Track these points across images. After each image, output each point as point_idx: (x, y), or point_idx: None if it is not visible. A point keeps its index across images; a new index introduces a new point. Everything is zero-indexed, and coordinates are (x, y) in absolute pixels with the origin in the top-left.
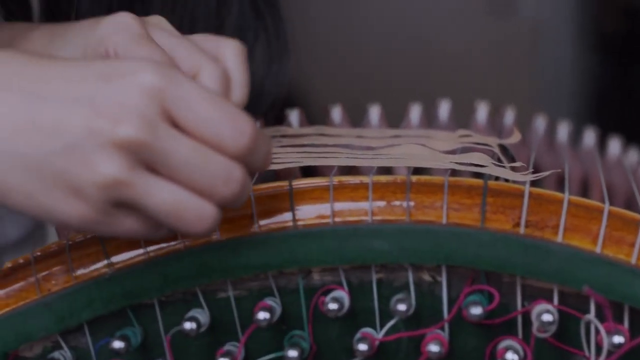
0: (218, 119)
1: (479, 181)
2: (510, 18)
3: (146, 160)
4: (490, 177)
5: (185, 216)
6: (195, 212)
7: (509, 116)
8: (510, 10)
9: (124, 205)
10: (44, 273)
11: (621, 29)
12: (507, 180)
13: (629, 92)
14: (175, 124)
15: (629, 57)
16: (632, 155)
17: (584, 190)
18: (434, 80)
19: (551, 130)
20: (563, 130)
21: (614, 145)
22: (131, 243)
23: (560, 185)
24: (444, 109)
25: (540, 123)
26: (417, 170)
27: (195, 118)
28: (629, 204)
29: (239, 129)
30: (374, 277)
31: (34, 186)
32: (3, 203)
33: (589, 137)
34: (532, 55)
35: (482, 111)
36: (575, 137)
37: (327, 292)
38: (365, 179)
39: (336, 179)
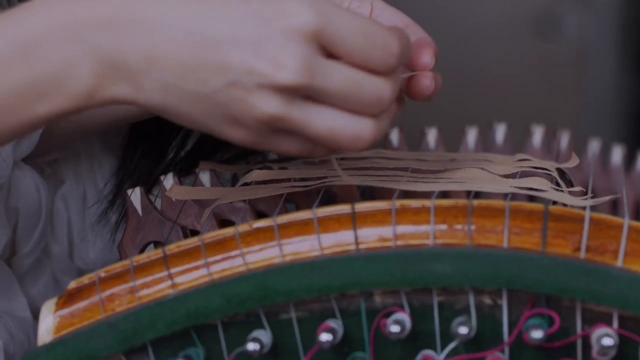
0: (369, 46)
1: (540, 206)
2: (555, 40)
3: (304, 94)
4: (549, 201)
5: (343, 137)
6: (352, 132)
7: (564, 140)
8: (555, 33)
9: (283, 130)
10: (108, 293)
11: None
12: (565, 205)
13: None
14: (328, 52)
15: None
16: None
17: (637, 213)
18: (480, 102)
19: (603, 153)
20: (617, 154)
21: None
22: (195, 265)
23: (613, 208)
24: (500, 132)
25: (594, 146)
26: (476, 194)
27: (348, 48)
28: None
29: (387, 51)
30: (435, 300)
31: (202, 115)
32: (178, 123)
33: None
34: (577, 78)
35: (537, 135)
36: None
37: (388, 315)
38: (427, 202)
39: (398, 203)
